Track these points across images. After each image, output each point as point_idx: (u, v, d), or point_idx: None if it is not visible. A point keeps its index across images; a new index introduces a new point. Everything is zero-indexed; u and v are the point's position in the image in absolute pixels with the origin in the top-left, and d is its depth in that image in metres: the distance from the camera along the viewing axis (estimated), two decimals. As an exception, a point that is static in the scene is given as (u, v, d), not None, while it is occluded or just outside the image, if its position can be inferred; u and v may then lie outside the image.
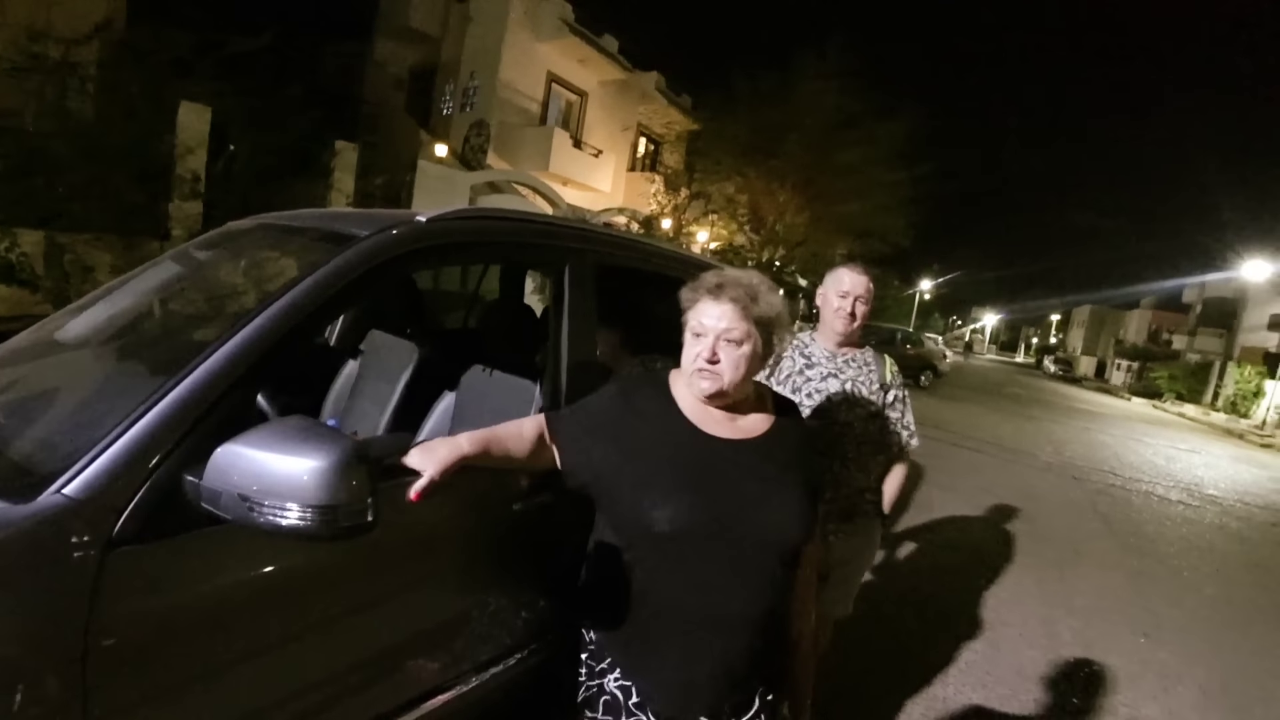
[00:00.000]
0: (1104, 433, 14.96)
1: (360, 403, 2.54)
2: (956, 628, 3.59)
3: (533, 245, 1.83)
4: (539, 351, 2.12)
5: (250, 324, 1.16)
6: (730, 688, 1.31)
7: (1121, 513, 7.14)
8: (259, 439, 0.98)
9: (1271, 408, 22.42)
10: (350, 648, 1.27)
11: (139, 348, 1.73)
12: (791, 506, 1.31)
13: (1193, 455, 13.41)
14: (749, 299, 1.29)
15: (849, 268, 2.14)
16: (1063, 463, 9.74)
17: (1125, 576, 5.02)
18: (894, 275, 34.94)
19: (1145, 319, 46.86)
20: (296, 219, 1.88)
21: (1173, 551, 5.96)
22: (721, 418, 1.35)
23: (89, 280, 6.57)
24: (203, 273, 2.03)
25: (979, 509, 6.15)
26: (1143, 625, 4.08)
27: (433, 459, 1.21)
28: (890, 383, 2.14)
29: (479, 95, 16.82)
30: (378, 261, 1.37)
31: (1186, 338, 36.54)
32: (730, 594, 1.26)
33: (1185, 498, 8.57)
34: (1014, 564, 4.81)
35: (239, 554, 1.10)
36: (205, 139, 7.76)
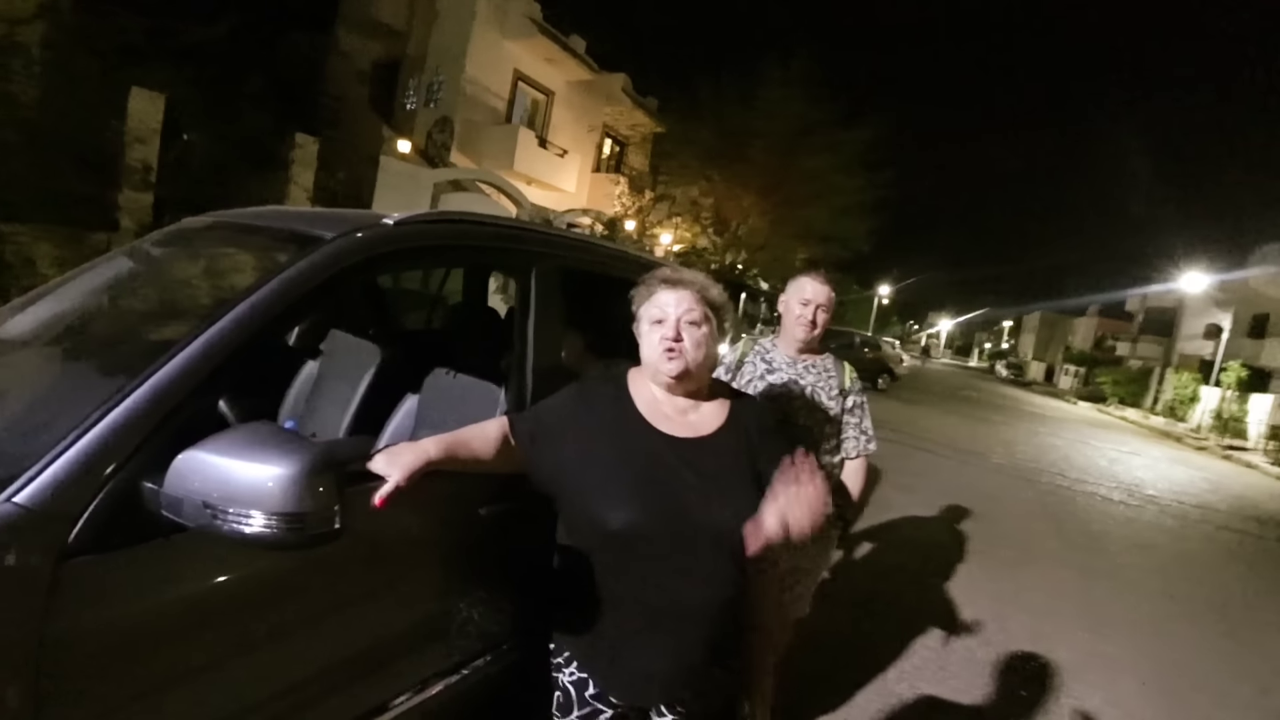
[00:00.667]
0: (1053, 435, 15.48)
1: (320, 404, 2.49)
2: (912, 624, 3.68)
3: (500, 249, 1.82)
4: (504, 354, 2.12)
5: (213, 327, 1.13)
6: (688, 678, 1.36)
7: (1069, 512, 7.40)
8: (223, 445, 0.96)
9: (1205, 412, 23.49)
10: (315, 655, 1.25)
11: (91, 348, 1.68)
12: (739, 501, 1.31)
13: (1134, 457, 13.96)
14: (702, 285, 1.40)
15: (811, 276, 2.18)
16: (1014, 464, 10.05)
17: (1072, 573, 5.22)
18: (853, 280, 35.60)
19: (1092, 326, 48.64)
20: (257, 217, 1.84)
21: (1116, 549, 6.21)
22: (676, 414, 1.40)
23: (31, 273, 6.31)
24: (158, 271, 1.97)
25: (934, 509, 6.31)
26: (1088, 620, 4.25)
27: (398, 464, 1.19)
28: (849, 388, 2.19)
29: (444, 91, 16.59)
30: (345, 265, 1.35)
31: (1130, 345, 38.08)
32: (684, 588, 1.30)
33: (1127, 498, 8.93)
34: (968, 562, 4.95)
35: (201, 562, 1.08)
36: (158, 128, 7.51)
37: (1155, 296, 36.28)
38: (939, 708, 2.94)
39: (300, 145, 9.66)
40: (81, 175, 6.89)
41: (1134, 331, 39.01)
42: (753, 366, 2.19)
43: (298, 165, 9.63)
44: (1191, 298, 29.25)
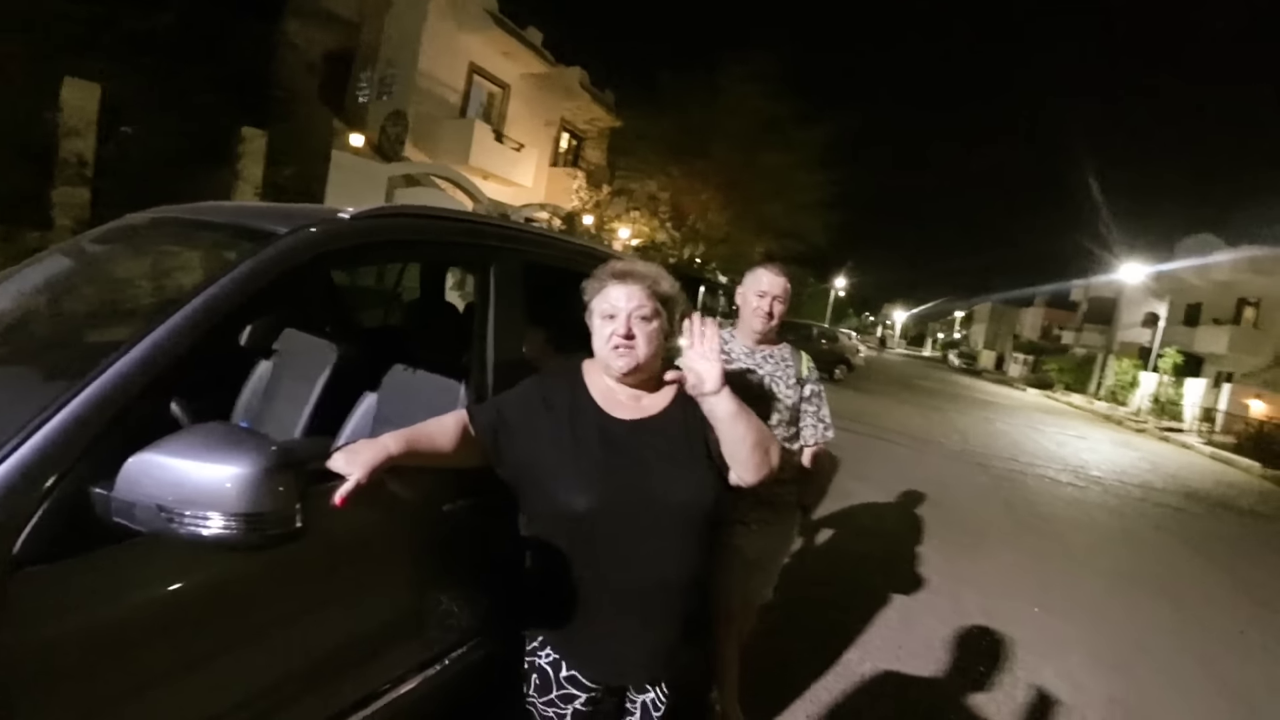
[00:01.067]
0: (1003, 422, 16.00)
1: (274, 405, 2.43)
2: (872, 607, 3.78)
3: (460, 244, 1.80)
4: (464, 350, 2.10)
5: (163, 326, 1.09)
6: (660, 656, 1.40)
7: (1020, 495, 7.67)
8: (177, 446, 0.94)
9: (1145, 397, 24.59)
10: (279, 659, 1.23)
11: (29, 350, 1.60)
12: (698, 474, 1.39)
13: (1080, 441, 14.54)
14: (653, 279, 1.41)
15: (768, 268, 2.22)
16: (967, 450, 10.36)
17: (1023, 553, 5.42)
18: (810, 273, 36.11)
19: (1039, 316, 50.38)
20: (205, 212, 1.79)
21: (1064, 529, 6.47)
22: (628, 400, 1.44)
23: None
24: (100, 269, 1.90)
25: (891, 496, 6.47)
26: (1038, 597, 4.42)
27: (358, 461, 1.19)
28: (807, 377, 2.23)
29: (397, 84, 16.24)
30: (300, 260, 1.31)
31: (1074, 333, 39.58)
32: (650, 565, 1.34)
33: (1074, 480, 9.30)
34: (924, 546, 5.10)
35: (157, 568, 1.05)
36: (94, 119, 7.17)
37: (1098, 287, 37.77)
38: (900, 685, 3.03)
39: (248, 139, 9.36)
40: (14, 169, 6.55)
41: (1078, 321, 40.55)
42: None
43: (246, 159, 9.33)
44: (1130, 288, 30.54)
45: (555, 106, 19.72)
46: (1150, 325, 27.40)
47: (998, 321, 61.65)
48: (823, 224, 20.92)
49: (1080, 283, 41.94)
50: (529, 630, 1.46)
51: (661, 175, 19.18)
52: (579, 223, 16.95)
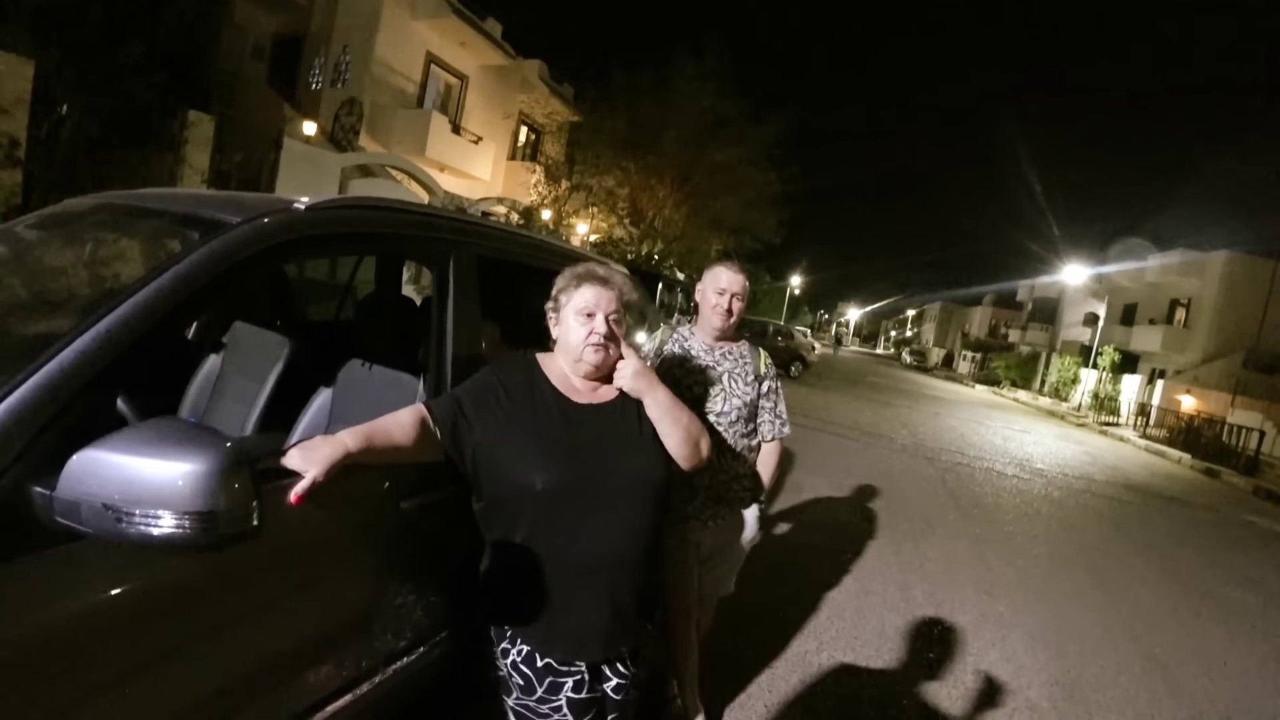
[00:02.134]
0: (952, 416, 16.48)
1: (223, 402, 2.36)
2: (825, 598, 3.87)
3: (417, 237, 1.78)
4: (420, 345, 2.07)
5: (107, 318, 1.05)
6: (620, 626, 1.46)
7: (966, 487, 7.92)
8: (125, 443, 0.90)
9: (1085, 392, 25.64)
10: (232, 662, 1.19)
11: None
12: (649, 453, 1.51)
13: (1024, 435, 15.08)
14: (621, 286, 1.54)
15: (726, 266, 2.25)
16: (916, 444, 10.64)
17: (969, 542, 5.60)
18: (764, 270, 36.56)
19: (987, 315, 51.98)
20: (152, 199, 1.72)
21: (1008, 519, 6.71)
22: (585, 388, 1.54)
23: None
24: (35, 257, 1.81)
25: (843, 489, 6.61)
26: (983, 584, 4.59)
27: (314, 458, 1.17)
28: (764, 374, 2.27)
29: (351, 71, 15.84)
30: (252, 251, 1.28)
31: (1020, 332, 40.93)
32: (609, 538, 1.41)
33: (1018, 472, 9.65)
34: (874, 537, 5.23)
35: (102, 570, 1.00)
36: (26, 98, 6.79)
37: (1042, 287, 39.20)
38: (854, 674, 3.11)
39: (193, 123, 9.00)
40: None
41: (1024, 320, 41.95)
42: (671, 353, 2.23)
43: (191, 145, 8.98)
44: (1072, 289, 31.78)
45: (514, 99, 19.50)
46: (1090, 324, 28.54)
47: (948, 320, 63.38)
48: (775, 221, 21.18)
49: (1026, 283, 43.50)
50: (495, 628, 1.47)
51: (618, 171, 19.15)
52: (537, 217, 16.80)
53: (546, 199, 17.89)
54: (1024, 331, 40.17)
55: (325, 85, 16.23)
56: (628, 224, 19.78)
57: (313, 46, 16.61)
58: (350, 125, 15.25)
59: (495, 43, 17.53)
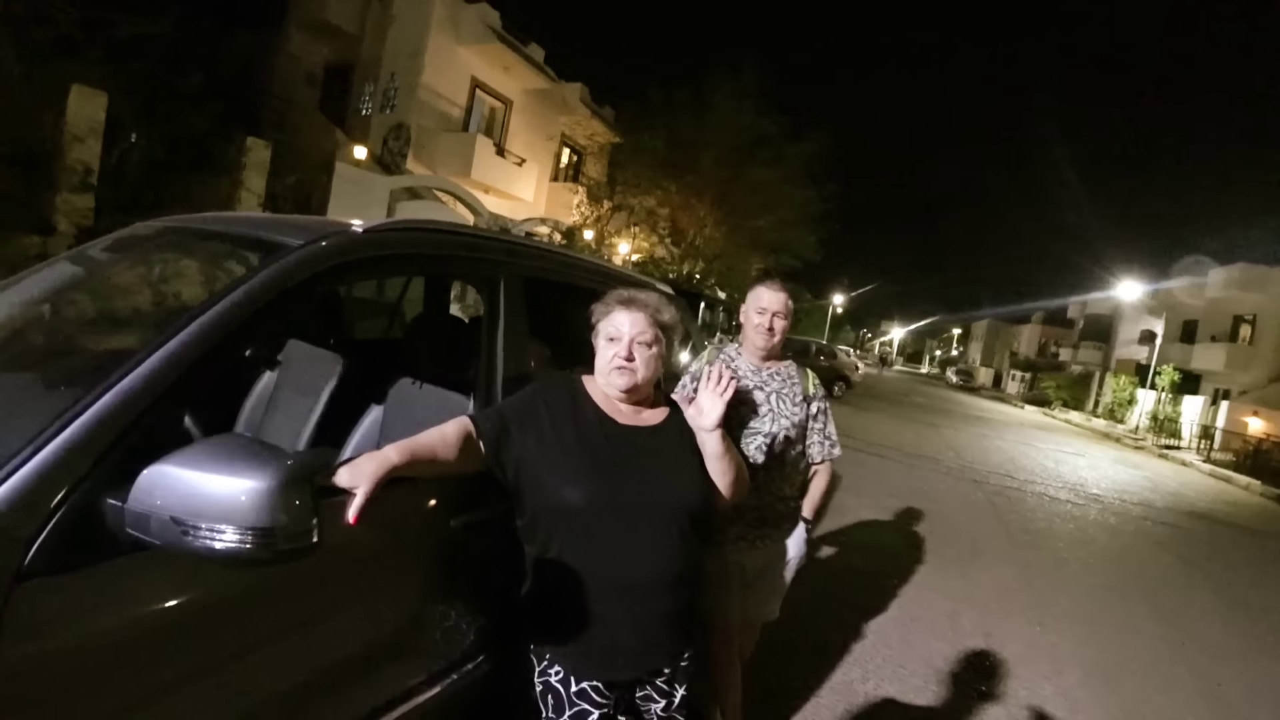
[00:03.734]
0: (1000, 438, 16.02)
1: (277, 417, 2.41)
2: (870, 624, 3.77)
3: (469, 258, 1.81)
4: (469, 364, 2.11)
5: (177, 336, 1.09)
6: (653, 648, 1.47)
7: (1016, 512, 7.66)
8: (192, 458, 0.93)
9: (1143, 414, 24.63)
10: (285, 673, 1.22)
11: (37, 358, 1.60)
12: (689, 476, 1.52)
13: (1078, 458, 14.54)
14: (655, 309, 1.53)
15: (766, 285, 2.23)
16: (963, 466, 10.36)
17: (1019, 570, 5.40)
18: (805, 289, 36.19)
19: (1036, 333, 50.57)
20: (211, 223, 1.79)
21: (1061, 546, 6.46)
22: (628, 408, 1.54)
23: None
24: (107, 277, 1.90)
25: (887, 512, 6.46)
26: (1035, 614, 4.41)
27: (363, 475, 1.18)
28: (813, 394, 2.24)
29: (399, 97, 16.33)
30: (312, 272, 1.32)
31: (1071, 350, 39.74)
32: (645, 559, 1.42)
33: (1072, 497, 9.30)
34: (920, 562, 5.09)
35: (167, 581, 1.04)
36: (100, 127, 7.15)
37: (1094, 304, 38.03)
38: (901, 706, 3.01)
39: (250, 149, 9.35)
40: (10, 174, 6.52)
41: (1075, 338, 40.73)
42: (718, 374, 2.21)
43: (248, 169, 9.32)
44: (1127, 305, 30.76)
45: (556, 122, 19.85)
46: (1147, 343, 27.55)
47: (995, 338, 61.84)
48: (815, 239, 21.04)
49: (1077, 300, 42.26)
50: (535, 648, 1.47)
51: (658, 190, 19.29)
52: (579, 238, 17.00)
53: (589, 219, 18.10)
54: (1075, 350, 38.97)
55: (374, 111, 16.76)
56: (669, 243, 19.88)
57: (362, 74, 17.19)
58: (398, 149, 15.70)
59: (538, 67, 17.90)
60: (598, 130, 20.48)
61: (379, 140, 15.92)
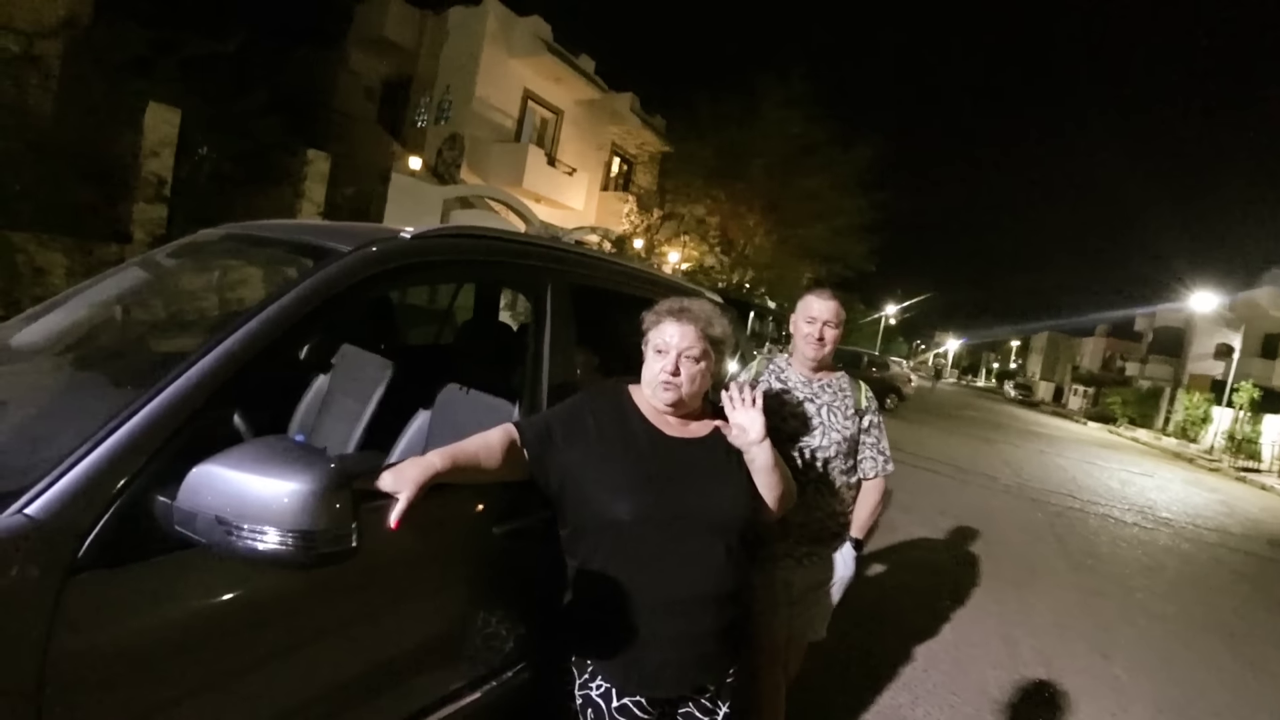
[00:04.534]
0: (1060, 456, 15.37)
1: (329, 420, 2.47)
2: (921, 647, 3.63)
3: (516, 265, 1.82)
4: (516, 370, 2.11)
5: (229, 338, 1.12)
6: (697, 666, 1.43)
7: (1078, 534, 7.32)
8: (237, 459, 0.94)
9: (1218, 433, 23.29)
10: (326, 674, 1.22)
11: (104, 358, 1.67)
12: (736, 490, 1.49)
13: (1146, 479, 13.83)
14: (706, 321, 1.49)
15: (816, 294, 2.17)
16: (1020, 485, 9.96)
17: (1082, 596, 5.14)
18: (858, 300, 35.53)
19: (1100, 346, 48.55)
20: (269, 230, 1.84)
21: (1127, 573, 6.12)
22: (676, 420, 1.52)
23: (41, 282, 6.35)
24: (172, 282, 1.97)
25: (940, 531, 6.25)
26: (1099, 643, 4.18)
27: (406, 480, 1.19)
28: (865, 408, 2.16)
29: (453, 109, 16.77)
30: (360, 277, 1.34)
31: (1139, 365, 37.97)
32: (690, 575, 1.39)
33: (1139, 520, 8.83)
34: (975, 584, 4.89)
35: (212, 578, 1.05)
36: (173, 141, 7.55)
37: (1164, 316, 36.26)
38: (951, 734, 2.89)
39: (311, 161, 9.72)
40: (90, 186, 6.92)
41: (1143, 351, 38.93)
42: (767, 385, 2.17)
43: (309, 180, 9.68)
44: (1201, 317, 29.20)
45: (606, 131, 20.06)
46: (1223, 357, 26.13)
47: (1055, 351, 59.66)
48: (866, 248, 20.64)
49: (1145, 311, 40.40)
50: (577, 660, 1.45)
51: (708, 199, 19.25)
52: (629, 246, 17.08)
53: (638, 228, 18.17)
54: (1143, 364, 37.22)
55: (429, 123, 17.23)
56: (718, 252, 19.80)
57: (419, 87, 17.71)
58: (452, 159, 16.09)
59: (588, 78, 18.12)
60: (648, 139, 20.60)
61: (434, 151, 16.35)
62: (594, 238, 16.75)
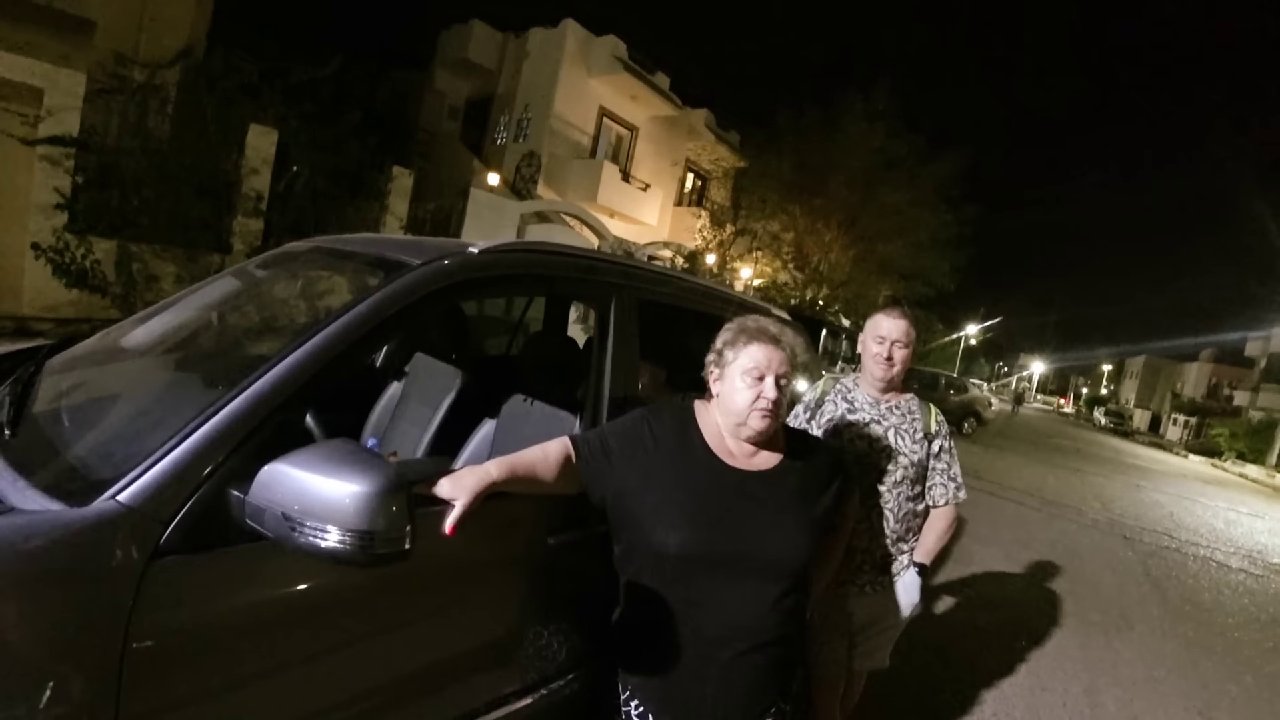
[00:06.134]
0: (1157, 491, 14.31)
1: (401, 424, 2.58)
2: (993, 690, 3.43)
3: (580, 279, 1.85)
4: (581, 384, 2.14)
5: (303, 345, 1.19)
6: (737, 705, 1.38)
7: (1175, 578, 6.78)
8: (304, 459, 1.00)
9: (1342, 474, 21.21)
10: (382, 670, 1.27)
11: (197, 359, 1.80)
12: (795, 533, 1.39)
13: (1256, 520, 12.69)
14: (795, 349, 1.42)
15: (886, 312, 2.11)
16: (1111, 520, 9.33)
17: (1178, 647, 4.75)
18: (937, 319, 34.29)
19: (1205, 372, 45.13)
20: (350, 243, 1.94)
21: (1232, 623, 5.62)
22: (740, 450, 1.43)
23: (154, 289, 6.90)
24: (260, 290, 2.10)
25: (1020, 565, 5.91)
26: (1197, 701, 3.84)
27: (463, 488, 1.22)
28: (935, 432, 2.08)
29: (531, 127, 17.29)
30: (429, 290, 1.40)
31: (1249, 394, 35.05)
32: (740, 613, 1.34)
33: (1247, 565, 8.10)
34: (1057, 626, 4.59)
35: (278, 571, 1.12)
36: (270, 160, 8.12)
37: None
38: (1025, 783, 2.71)
39: (396, 177, 10.21)
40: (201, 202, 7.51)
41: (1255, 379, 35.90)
42: (833, 406, 2.12)
43: (393, 196, 10.17)
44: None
45: (680, 147, 20.21)
46: (1348, 391, 23.76)
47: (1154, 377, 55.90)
48: (949, 265, 19.84)
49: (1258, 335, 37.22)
50: (621, 676, 1.45)
51: (783, 215, 19.04)
52: (702, 261, 17.09)
53: (711, 243, 18.16)
54: (1255, 394, 34.30)
55: (509, 140, 17.82)
56: (792, 268, 19.53)
57: (499, 106, 18.35)
58: (530, 175, 16.57)
59: (663, 95, 18.33)
60: (722, 155, 20.62)
61: (512, 167, 16.88)
62: (667, 253, 16.87)
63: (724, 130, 20.61)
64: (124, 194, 7.13)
